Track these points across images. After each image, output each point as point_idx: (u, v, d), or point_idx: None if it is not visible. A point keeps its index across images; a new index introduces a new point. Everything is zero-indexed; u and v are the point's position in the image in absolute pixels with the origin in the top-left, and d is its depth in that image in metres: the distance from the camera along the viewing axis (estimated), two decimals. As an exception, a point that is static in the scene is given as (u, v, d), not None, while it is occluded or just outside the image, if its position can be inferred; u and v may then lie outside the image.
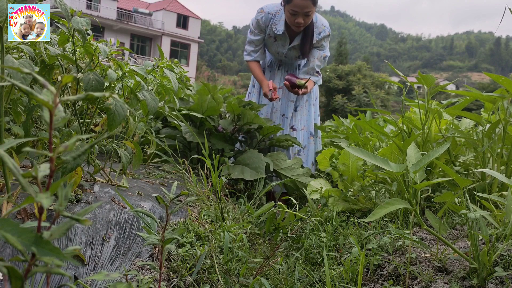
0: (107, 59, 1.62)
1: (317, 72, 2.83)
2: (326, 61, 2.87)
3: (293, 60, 2.86)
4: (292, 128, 2.85)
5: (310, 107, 2.93)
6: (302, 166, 2.56)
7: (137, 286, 1.09)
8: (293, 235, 1.68)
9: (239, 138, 2.69)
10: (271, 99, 2.65)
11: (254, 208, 2.02)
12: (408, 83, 1.98)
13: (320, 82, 2.90)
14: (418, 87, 2.08)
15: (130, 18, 34.11)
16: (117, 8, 33.61)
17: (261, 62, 2.91)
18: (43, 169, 0.49)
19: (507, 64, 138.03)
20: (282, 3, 2.62)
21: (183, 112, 2.51)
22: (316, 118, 3.01)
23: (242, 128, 2.57)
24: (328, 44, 2.82)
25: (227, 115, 2.63)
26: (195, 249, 1.36)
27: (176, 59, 3.18)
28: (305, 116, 2.90)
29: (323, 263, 1.53)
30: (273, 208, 1.78)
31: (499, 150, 1.79)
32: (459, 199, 1.58)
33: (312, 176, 2.55)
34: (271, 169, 2.39)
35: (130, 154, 1.66)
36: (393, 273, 1.37)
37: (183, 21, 35.81)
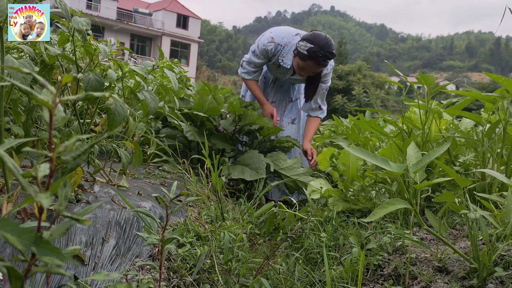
0: (107, 59, 1.62)
1: (320, 107, 2.81)
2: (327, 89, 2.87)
3: (289, 83, 2.89)
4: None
5: (302, 124, 2.97)
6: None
7: (137, 286, 1.09)
8: (293, 235, 1.68)
9: (242, 139, 2.69)
10: None
11: (254, 208, 2.02)
12: (408, 83, 1.98)
13: (325, 115, 2.88)
14: (418, 87, 2.08)
15: (130, 18, 34.11)
16: (117, 8, 33.61)
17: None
18: (43, 169, 0.49)
19: (507, 64, 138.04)
20: (295, 51, 2.53)
21: (184, 111, 2.51)
22: None
23: (243, 129, 2.57)
24: (331, 75, 2.79)
25: (228, 116, 2.63)
26: (195, 249, 1.36)
27: (176, 59, 3.18)
28: (300, 130, 2.95)
29: (323, 263, 1.53)
30: (273, 208, 1.79)
31: (499, 150, 1.79)
32: (459, 199, 1.58)
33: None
34: (272, 169, 2.39)
35: (130, 154, 1.66)
36: (393, 273, 1.37)
37: (183, 21, 35.81)
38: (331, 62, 2.70)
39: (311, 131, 2.79)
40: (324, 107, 2.82)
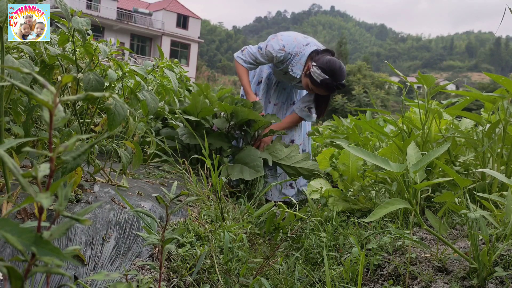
0: (107, 59, 1.62)
1: (309, 109, 2.76)
2: None
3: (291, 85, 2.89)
4: (292, 142, 2.88)
5: (305, 124, 2.96)
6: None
7: (137, 286, 1.09)
8: (293, 235, 1.68)
9: (236, 134, 2.69)
10: None
11: (254, 208, 2.02)
12: (408, 83, 1.98)
13: (312, 120, 2.82)
14: (418, 87, 2.08)
15: (130, 18, 34.10)
16: (117, 8, 33.60)
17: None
18: (43, 169, 0.49)
19: (507, 64, 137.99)
20: (307, 71, 2.49)
21: (180, 112, 2.51)
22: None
23: (236, 126, 2.57)
24: None
25: (221, 114, 2.64)
26: (195, 249, 1.36)
27: (176, 59, 3.18)
28: (302, 131, 2.94)
29: (323, 263, 1.53)
30: (273, 208, 1.79)
31: (499, 150, 1.79)
32: (459, 199, 1.58)
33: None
34: (270, 163, 2.39)
35: (130, 154, 1.66)
36: (393, 273, 1.37)
37: (183, 21, 35.80)
38: None
39: (282, 123, 2.71)
40: (314, 115, 2.78)
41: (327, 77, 2.40)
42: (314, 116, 2.79)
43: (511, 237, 1.22)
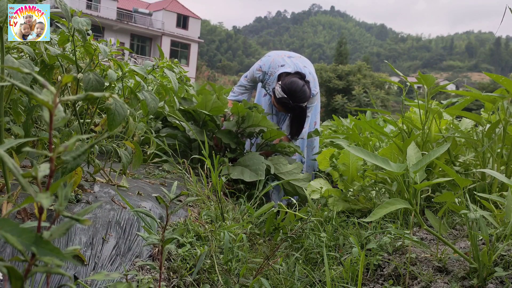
0: (107, 59, 1.62)
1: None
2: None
3: None
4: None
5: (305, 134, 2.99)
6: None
7: (137, 286, 1.09)
8: (293, 235, 1.68)
9: (253, 141, 2.71)
10: None
11: (254, 208, 2.02)
12: (408, 83, 1.98)
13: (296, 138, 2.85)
14: (418, 87, 2.08)
15: (130, 18, 34.10)
16: (117, 8, 33.59)
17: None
18: (43, 169, 0.49)
19: (507, 64, 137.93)
20: (274, 88, 2.60)
21: (189, 110, 2.52)
22: (317, 122, 3.04)
23: (245, 131, 2.58)
24: (315, 98, 2.80)
25: (230, 117, 2.65)
26: (195, 249, 1.36)
27: (176, 59, 3.19)
28: (307, 127, 2.95)
29: (323, 263, 1.53)
30: (273, 208, 1.79)
31: (499, 150, 1.78)
32: (459, 199, 1.58)
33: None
34: (272, 172, 2.39)
35: (130, 154, 1.66)
36: (393, 273, 1.37)
37: (183, 21, 35.80)
38: (313, 91, 2.68)
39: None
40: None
41: (285, 96, 2.53)
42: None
43: (511, 237, 1.22)
